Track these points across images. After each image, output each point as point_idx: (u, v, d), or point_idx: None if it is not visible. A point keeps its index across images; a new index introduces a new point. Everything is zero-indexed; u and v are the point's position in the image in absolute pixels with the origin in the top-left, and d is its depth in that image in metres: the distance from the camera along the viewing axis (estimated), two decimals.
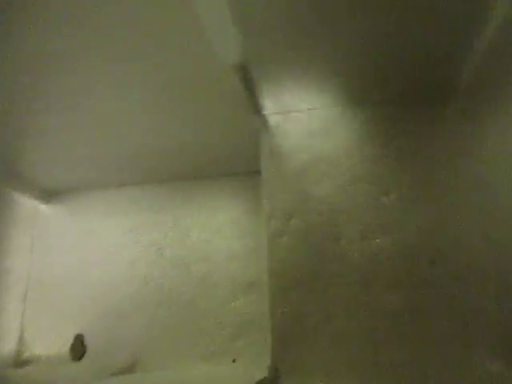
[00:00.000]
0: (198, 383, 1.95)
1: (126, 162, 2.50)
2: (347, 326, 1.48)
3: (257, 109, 1.80)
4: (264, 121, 1.84)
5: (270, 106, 1.80)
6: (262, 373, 1.53)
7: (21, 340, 2.64)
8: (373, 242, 1.57)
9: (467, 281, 1.47)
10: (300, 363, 1.49)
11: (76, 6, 1.28)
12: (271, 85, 1.67)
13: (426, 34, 1.42)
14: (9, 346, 2.58)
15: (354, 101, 1.77)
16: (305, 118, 1.81)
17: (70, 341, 2.53)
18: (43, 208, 2.92)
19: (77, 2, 1.26)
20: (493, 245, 1.48)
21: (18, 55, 1.48)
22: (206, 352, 2.41)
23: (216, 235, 2.60)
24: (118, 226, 2.76)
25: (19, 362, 2.57)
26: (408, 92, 1.70)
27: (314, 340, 1.49)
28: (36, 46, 1.44)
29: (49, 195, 2.93)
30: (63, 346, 2.54)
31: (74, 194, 2.91)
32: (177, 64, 1.57)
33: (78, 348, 2.52)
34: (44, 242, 2.84)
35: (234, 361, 2.34)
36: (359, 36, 1.43)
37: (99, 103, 1.81)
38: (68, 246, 2.78)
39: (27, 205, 2.84)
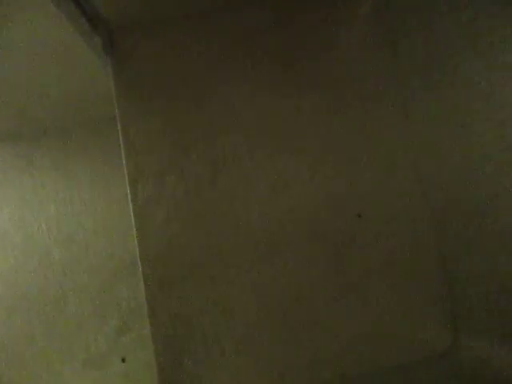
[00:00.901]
0: None
1: None
2: (256, 326, 1.06)
3: (95, 22, 1.17)
4: (108, 39, 1.23)
5: (112, 17, 1.18)
6: None
7: None
8: (284, 196, 1.12)
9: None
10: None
11: None
12: None
13: None
14: None
15: (230, 4, 1.23)
16: (162, 29, 1.22)
17: None
18: None
19: None
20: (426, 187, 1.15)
21: None
22: (88, 355, 1.88)
23: (80, 207, 1.97)
24: None
25: None
26: None
27: (217, 349, 1.05)
28: None
29: None
30: None
31: None
32: None
33: None
34: None
35: (123, 360, 1.86)
36: None
37: None
38: None
39: None
